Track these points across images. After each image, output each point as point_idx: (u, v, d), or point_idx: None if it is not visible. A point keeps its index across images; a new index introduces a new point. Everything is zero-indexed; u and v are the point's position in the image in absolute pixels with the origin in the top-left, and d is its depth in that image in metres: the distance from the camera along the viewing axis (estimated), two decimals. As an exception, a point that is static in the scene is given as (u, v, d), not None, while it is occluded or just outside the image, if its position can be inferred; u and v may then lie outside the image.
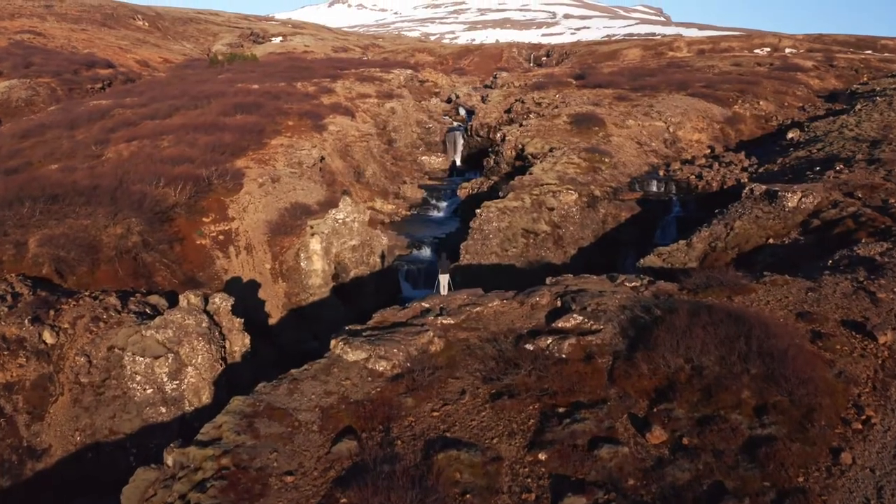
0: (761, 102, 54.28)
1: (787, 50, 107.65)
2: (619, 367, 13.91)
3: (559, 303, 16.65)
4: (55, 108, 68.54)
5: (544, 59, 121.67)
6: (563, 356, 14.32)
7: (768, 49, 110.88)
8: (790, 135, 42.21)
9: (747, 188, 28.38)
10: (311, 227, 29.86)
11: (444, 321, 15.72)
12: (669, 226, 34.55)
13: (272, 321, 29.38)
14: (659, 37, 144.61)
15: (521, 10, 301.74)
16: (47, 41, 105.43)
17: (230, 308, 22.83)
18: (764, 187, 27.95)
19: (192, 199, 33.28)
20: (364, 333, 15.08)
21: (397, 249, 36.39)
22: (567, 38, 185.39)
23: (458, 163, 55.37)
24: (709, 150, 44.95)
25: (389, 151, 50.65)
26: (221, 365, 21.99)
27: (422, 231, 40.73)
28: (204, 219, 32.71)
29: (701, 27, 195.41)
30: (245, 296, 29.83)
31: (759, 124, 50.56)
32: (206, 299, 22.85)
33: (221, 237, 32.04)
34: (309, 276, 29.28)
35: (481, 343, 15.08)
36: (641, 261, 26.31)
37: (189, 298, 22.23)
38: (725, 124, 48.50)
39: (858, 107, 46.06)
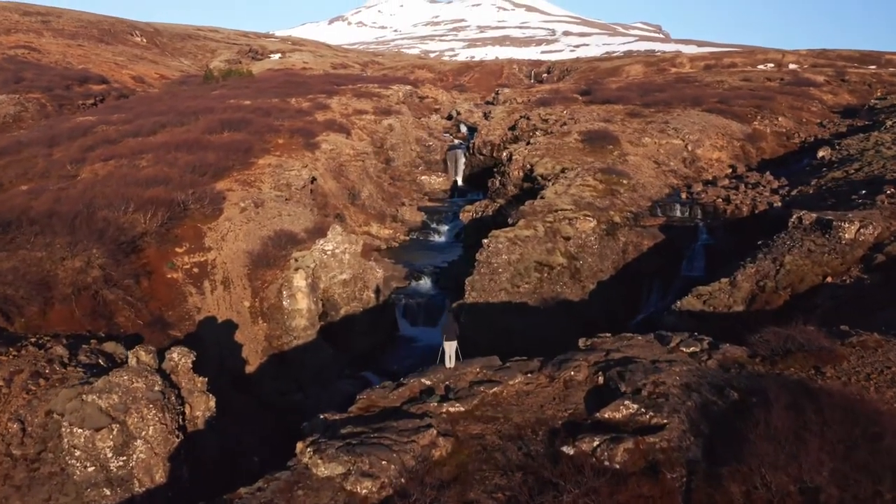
0: (780, 119, 50.41)
1: (791, 65, 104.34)
2: (698, 488, 9.75)
3: (601, 379, 12.51)
4: (37, 124, 64.91)
5: (545, 75, 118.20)
6: (617, 466, 10.18)
7: (771, 65, 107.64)
8: (821, 153, 38.22)
9: (794, 216, 24.30)
10: (296, 261, 25.73)
11: (452, 409, 11.57)
12: (697, 255, 30.44)
13: (250, 368, 25.18)
14: (659, 53, 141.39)
15: (520, 27, 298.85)
16: (42, 56, 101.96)
17: (190, 365, 18.65)
18: (814, 215, 23.89)
19: (164, 226, 29.16)
20: (343, 430, 10.90)
21: (394, 281, 32.25)
22: (566, 55, 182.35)
23: (460, 182, 51.37)
24: (730, 170, 41.00)
25: (387, 171, 46.65)
26: (178, 436, 17.77)
27: (421, 259, 36.59)
28: (177, 249, 28.58)
29: (700, 44, 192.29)
30: (220, 339, 25.69)
31: (781, 142, 46.62)
32: (161, 355, 18.68)
33: (196, 270, 27.88)
34: (292, 316, 25.11)
35: (502, 442, 10.94)
36: (678, 303, 22.17)
37: (139, 355, 18.05)
38: (746, 142, 44.56)
39: (890, 123, 42.20)
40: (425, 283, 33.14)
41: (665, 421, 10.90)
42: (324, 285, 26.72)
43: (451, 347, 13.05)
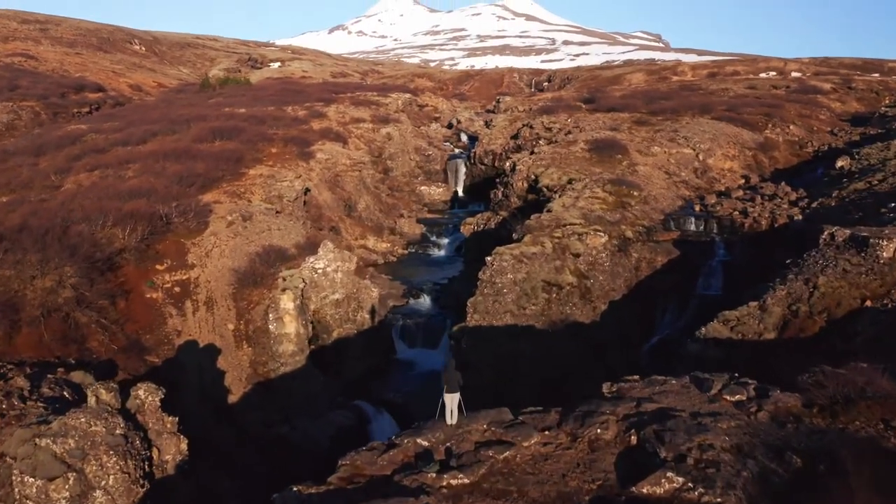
0: (791, 127, 48.36)
1: (794, 73, 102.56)
2: None
3: (634, 438, 10.30)
4: (30, 132, 63.15)
5: (545, 84, 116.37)
6: (663, 564, 7.97)
7: (774, 73, 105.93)
8: (839, 163, 36.10)
9: (826, 233, 22.13)
10: (283, 280, 23.54)
11: (454, 481, 9.36)
12: (715, 272, 28.26)
13: (233, 398, 22.94)
14: (660, 62, 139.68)
15: (520, 36, 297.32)
16: (39, 64, 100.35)
17: (159, 403, 16.43)
18: (847, 232, 21.73)
19: (144, 241, 26.96)
20: (319, 513, 8.66)
21: (391, 299, 30.05)
22: (566, 64, 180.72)
23: (461, 193, 49.23)
24: (743, 180, 38.87)
25: (385, 181, 44.51)
26: (143, 485, 15.54)
27: (420, 274, 34.41)
28: (157, 266, 26.40)
29: (700, 53, 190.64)
30: (201, 365, 23.47)
31: (794, 151, 44.52)
32: (123, 392, 16.47)
33: (177, 289, 25.68)
34: (279, 341, 22.89)
35: (517, 526, 8.71)
36: (703, 330, 19.95)
37: (99, 394, 15.84)
38: (758, 151, 42.46)
39: (908, 131, 40.14)
40: (424, 301, 30.92)
41: (719, 500, 8.69)
42: (314, 306, 24.54)
43: (452, 400, 10.86)
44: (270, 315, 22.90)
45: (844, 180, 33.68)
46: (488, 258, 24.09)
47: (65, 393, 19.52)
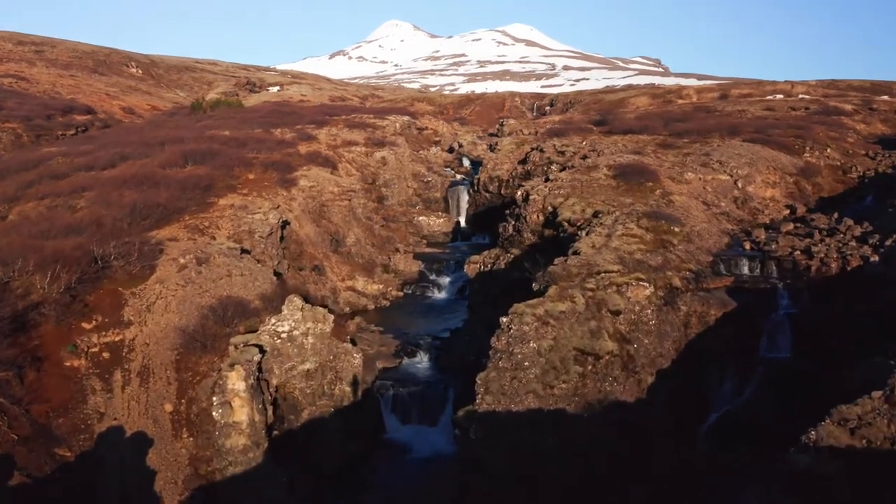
0: (828, 150, 42.70)
1: (801, 95, 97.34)
2: None
3: None
4: (3, 154, 57.62)
5: (548, 108, 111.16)
6: None
7: (781, 95, 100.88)
8: (905, 192, 30.28)
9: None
10: (234, 350, 17.52)
11: None
12: (781, 330, 22.22)
13: (165, 509, 16.79)
14: (661, 86, 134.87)
15: (520, 62, 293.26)
16: (30, 86, 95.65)
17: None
18: None
19: (71, 291, 20.97)
20: None
21: (380, 359, 23.97)
22: (567, 89, 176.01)
23: (463, 223, 43.33)
24: (788, 211, 33.06)
25: (379, 211, 38.59)
26: None
27: (417, 325, 28.38)
28: (84, 324, 20.34)
29: (700, 77, 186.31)
30: (126, 460, 17.35)
31: (837, 176, 38.73)
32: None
33: (105, 355, 19.62)
34: (226, 433, 16.81)
35: None
36: (813, 435, 13.74)
37: None
38: (800, 177, 36.66)
39: (973, 156, 34.40)
40: (421, 361, 24.79)
41: None
42: (277, 380, 18.47)
43: None
44: (215, 399, 16.85)
45: (917, 213, 27.87)
46: (503, 319, 18.02)
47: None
